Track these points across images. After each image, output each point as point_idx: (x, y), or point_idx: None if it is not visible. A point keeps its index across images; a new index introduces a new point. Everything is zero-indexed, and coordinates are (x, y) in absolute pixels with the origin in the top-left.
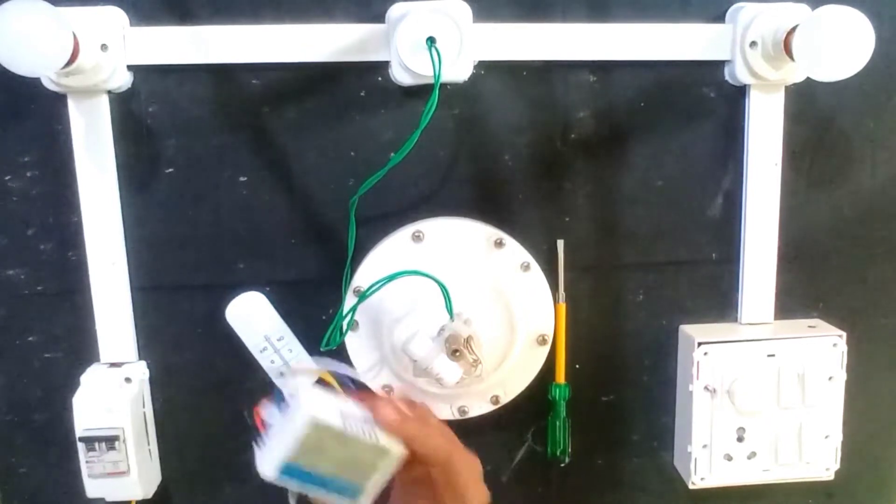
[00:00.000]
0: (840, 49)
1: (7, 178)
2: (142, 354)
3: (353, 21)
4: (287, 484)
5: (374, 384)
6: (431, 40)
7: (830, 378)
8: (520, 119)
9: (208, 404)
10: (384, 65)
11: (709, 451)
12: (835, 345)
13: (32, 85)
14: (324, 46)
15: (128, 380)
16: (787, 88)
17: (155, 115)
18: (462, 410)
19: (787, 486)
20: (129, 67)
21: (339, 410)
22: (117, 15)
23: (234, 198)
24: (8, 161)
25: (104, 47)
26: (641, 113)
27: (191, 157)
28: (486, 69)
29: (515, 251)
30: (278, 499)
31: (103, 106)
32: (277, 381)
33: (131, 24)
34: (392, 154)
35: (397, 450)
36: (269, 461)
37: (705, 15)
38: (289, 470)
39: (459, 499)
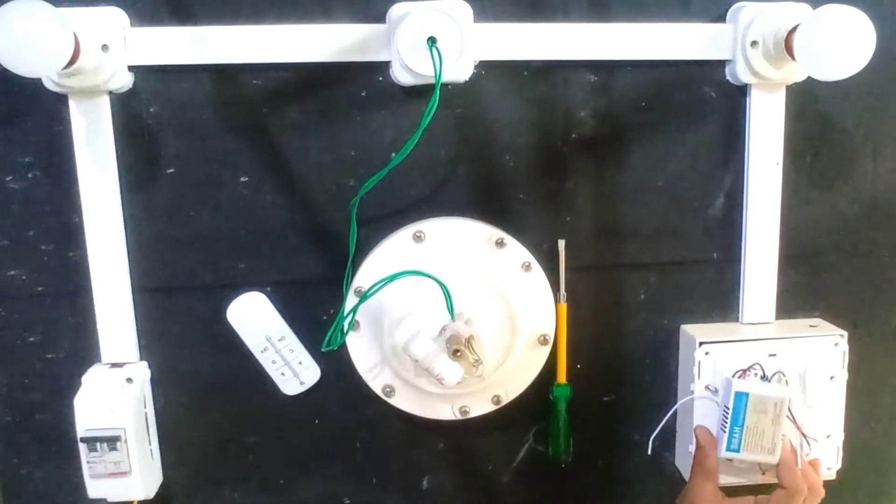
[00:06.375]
0: (841, 48)
1: (8, 178)
2: (143, 355)
3: (354, 21)
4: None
5: (376, 384)
6: (432, 40)
7: (832, 378)
8: (521, 119)
9: (210, 404)
10: (385, 65)
11: None
12: (836, 344)
13: (33, 86)
14: (324, 46)
15: (129, 380)
16: (788, 88)
17: (156, 115)
18: (463, 410)
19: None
20: (130, 68)
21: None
22: (118, 15)
23: (234, 198)
24: (9, 162)
25: (105, 48)
26: (642, 112)
27: (192, 157)
28: (487, 69)
29: (516, 251)
30: (278, 499)
31: (104, 106)
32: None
33: (132, 25)
34: (393, 154)
35: (774, 458)
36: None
37: (706, 14)
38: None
39: None
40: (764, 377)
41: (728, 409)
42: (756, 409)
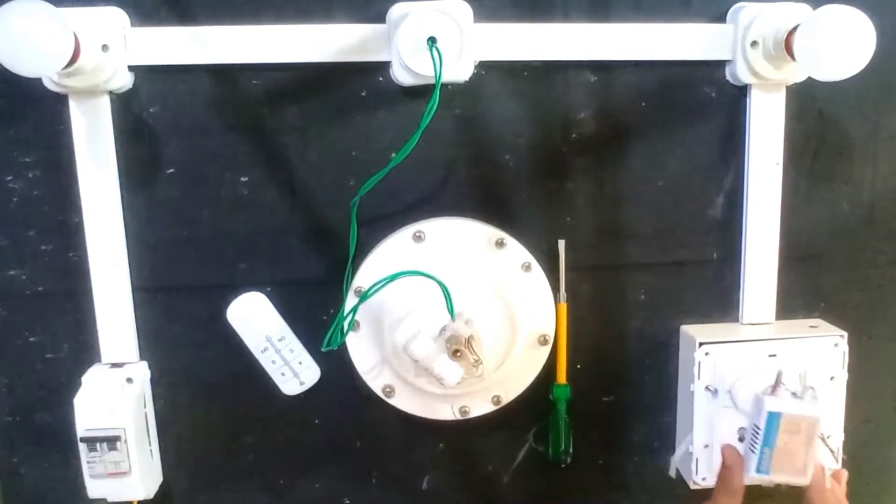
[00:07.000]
0: (841, 48)
1: (8, 178)
2: (143, 355)
3: (354, 21)
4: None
5: (376, 384)
6: (432, 40)
7: (832, 378)
8: (521, 119)
9: (210, 404)
10: (385, 65)
11: (710, 451)
12: (836, 345)
13: (34, 85)
14: (324, 46)
15: (129, 380)
16: (788, 88)
17: (156, 115)
18: (463, 411)
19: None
20: (130, 68)
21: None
22: (118, 15)
23: (234, 198)
24: (9, 161)
25: (105, 48)
26: (642, 113)
27: (192, 157)
28: (487, 69)
29: (516, 251)
30: (278, 499)
31: (104, 106)
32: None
33: (132, 25)
34: (393, 154)
35: (805, 480)
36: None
37: (706, 15)
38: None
39: None
40: (794, 393)
41: (758, 428)
42: (788, 430)
